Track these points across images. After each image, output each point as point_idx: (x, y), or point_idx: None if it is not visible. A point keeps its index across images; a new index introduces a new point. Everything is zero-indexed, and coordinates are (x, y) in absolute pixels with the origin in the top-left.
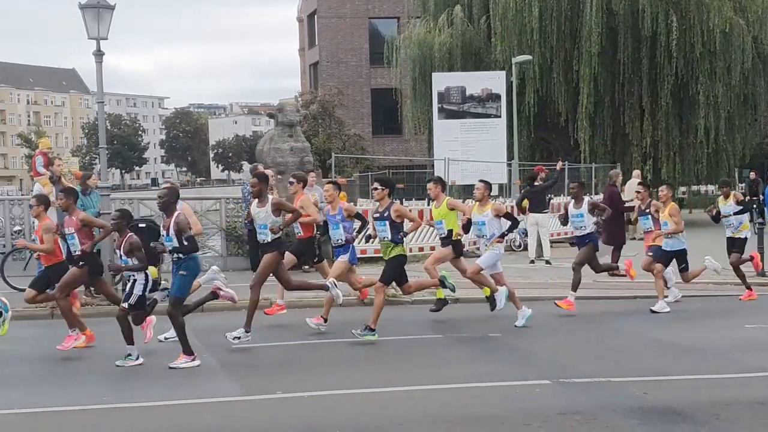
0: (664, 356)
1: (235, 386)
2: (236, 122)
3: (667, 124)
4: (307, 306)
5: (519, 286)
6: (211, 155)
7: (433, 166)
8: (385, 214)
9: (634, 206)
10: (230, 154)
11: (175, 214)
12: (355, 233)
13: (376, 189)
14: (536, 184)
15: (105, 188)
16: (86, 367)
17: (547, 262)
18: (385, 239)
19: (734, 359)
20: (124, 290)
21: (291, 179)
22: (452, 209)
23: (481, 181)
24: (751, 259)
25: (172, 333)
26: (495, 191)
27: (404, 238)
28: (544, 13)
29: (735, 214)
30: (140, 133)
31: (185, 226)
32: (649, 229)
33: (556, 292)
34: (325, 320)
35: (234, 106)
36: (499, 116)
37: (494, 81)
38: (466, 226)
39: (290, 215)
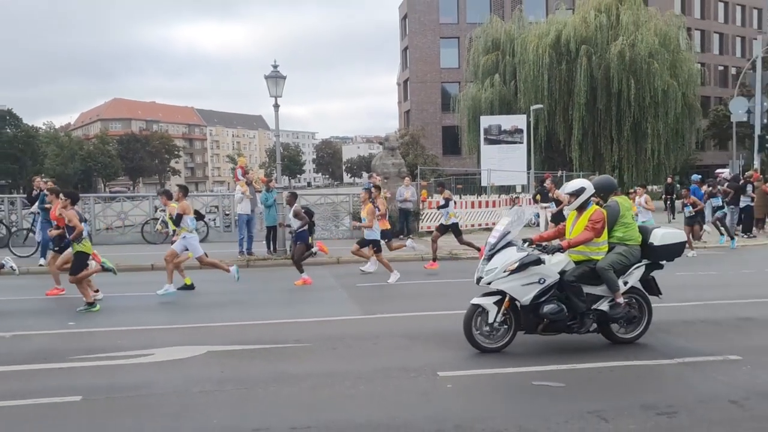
0: None
1: (357, 308)
2: (359, 147)
3: (627, 147)
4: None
5: None
6: (344, 168)
7: (480, 174)
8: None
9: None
10: (355, 167)
11: None
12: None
13: (61, 198)
14: (545, 185)
15: (279, 188)
16: (266, 297)
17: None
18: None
19: (668, 294)
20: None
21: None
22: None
23: (177, 185)
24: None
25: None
26: (519, 189)
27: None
28: (551, 78)
29: (439, 208)
30: (300, 154)
31: None
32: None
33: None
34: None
35: (357, 137)
36: (522, 143)
37: (519, 120)
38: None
39: None
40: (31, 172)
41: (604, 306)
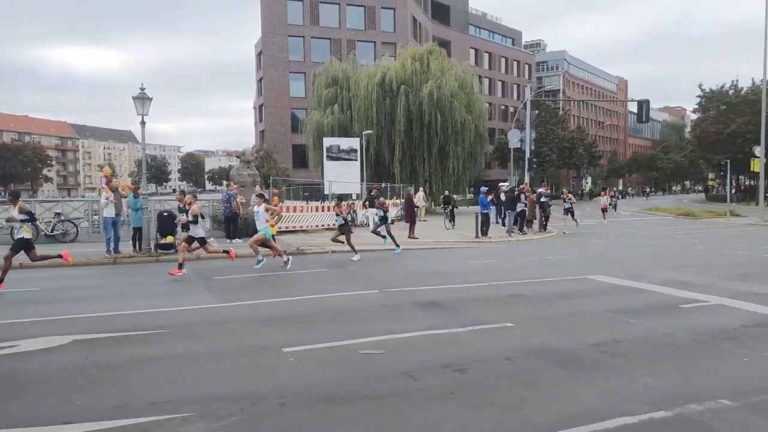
0: (433, 277)
1: (213, 298)
2: (220, 159)
3: (435, 165)
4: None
5: (368, 243)
6: (206, 177)
7: (323, 184)
8: None
9: (418, 205)
10: (216, 177)
11: None
12: None
13: None
14: (372, 194)
15: (145, 194)
16: (130, 291)
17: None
18: None
19: (464, 278)
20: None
21: None
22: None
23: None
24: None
25: None
26: (354, 197)
27: None
28: (378, 110)
29: (22, 222)
30: (166, 164)
31: None
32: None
33: (385, 245)
34: None
35: (219, 151)
36: (356, 160)
37: (354, 142)
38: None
39: None
40: None
41: None
